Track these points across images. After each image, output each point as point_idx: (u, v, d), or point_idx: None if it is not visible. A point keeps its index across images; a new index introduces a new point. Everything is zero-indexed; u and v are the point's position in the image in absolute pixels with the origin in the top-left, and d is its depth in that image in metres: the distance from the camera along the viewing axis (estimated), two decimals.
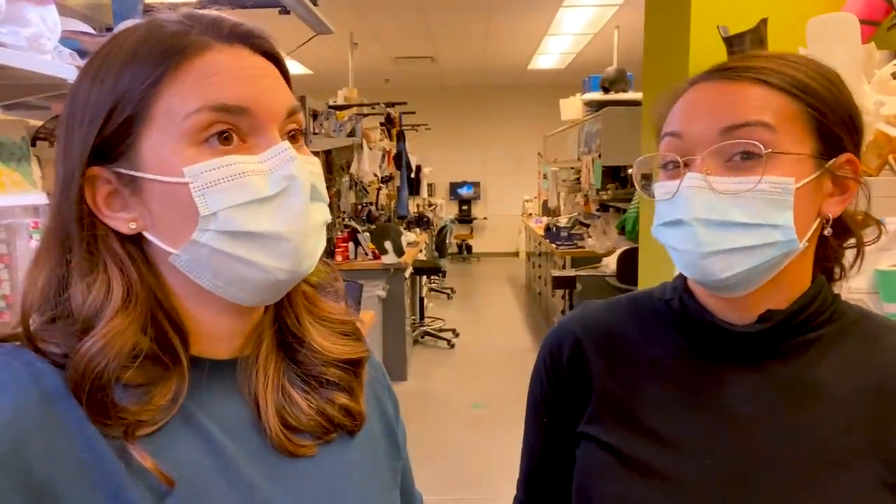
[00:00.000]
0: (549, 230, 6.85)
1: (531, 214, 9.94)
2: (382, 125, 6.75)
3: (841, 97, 0.71)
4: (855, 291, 0.79)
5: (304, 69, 9.00)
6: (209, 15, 0.58)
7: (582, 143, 6.01)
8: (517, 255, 11.64)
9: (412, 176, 7.63)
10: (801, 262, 0.72)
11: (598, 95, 5.65)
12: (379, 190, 6.62)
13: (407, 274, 5.27)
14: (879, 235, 0.79)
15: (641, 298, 0.84)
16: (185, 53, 0.55)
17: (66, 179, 0.56)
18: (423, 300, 6.85)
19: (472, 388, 5.01)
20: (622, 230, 4.79)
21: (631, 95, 5.36)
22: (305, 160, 0.59)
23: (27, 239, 1.36)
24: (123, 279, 0.56)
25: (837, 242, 0.76)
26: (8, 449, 0.47)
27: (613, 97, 5.44)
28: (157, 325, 0.57)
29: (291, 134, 0.60)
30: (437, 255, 7.82)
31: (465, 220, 12.29)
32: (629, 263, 3.77)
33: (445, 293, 8.65)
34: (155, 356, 0.56)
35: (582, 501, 0.78)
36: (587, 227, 6.24)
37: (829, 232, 0.72)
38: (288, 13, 2.92)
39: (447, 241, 7.97)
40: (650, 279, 2.43)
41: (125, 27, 0.59)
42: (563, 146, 7.37)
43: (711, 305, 0.75)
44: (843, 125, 0.70)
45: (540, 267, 7.47)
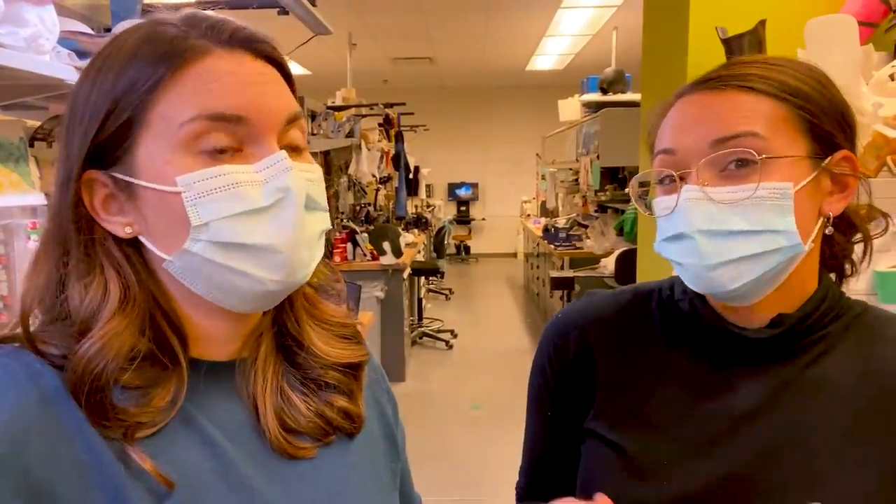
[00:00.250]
0: (547, 231, 6.85)
1: (529, 215, 9.94)
2: (381, 126, 6.75)
3: (830, 95, 0.71)
4: (854, 293, 0.79)
5: (302, 70, 8.99)
6: (211, 18, 0.57)
7: (580, 144, 6.01)
8: (515, 255, 11.64)
9: (410, 177, 7.63)
10: (807, 263, 0.72)
11: (596, 96, 5.65)
12: (377, 191, 6.62)
13: (405, 275, 5.27)
14: (887, 227, 0.78)
15: (646, 293, 0.83)
16: (183, 58, 0.54)
17: (64, 181, 0.56)
18: (421, 301, 6.85)
19: (470, 389, 5.00)
20: (620, 231, 4.80)
21: (629, 96, 5.37)
22: (303, 169, 0.58)
23: (25, 239, 1.36)
24: (120, 281, 0.56)
25: (844, 239, 0.76)
26: (7, 451, 0.47)
27: (612, 98, 5.45)
28: (155, 326, 0.57)
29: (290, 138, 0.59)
30: (435, 255, 7.82)
31: (463, 220, 12.28)
32: (628, 264, 3.78)
33: (443, 294, 8.65)
34: (153, 358, 0.56)
35: (586, 498, 0.78)
36: (585, 228, 6.24)
37: (830, 231, 0.71)
38: (287, 14, 2.92)
39: (445, 241, 7.96)
40: (648, 280, 2.42)
41: (127, 27, 0.59)
42: (561, 147, 7.38)
43: (720, 309, 0.75)
44: (834, 123, 0.70)
45: (538, 268, 7.48)
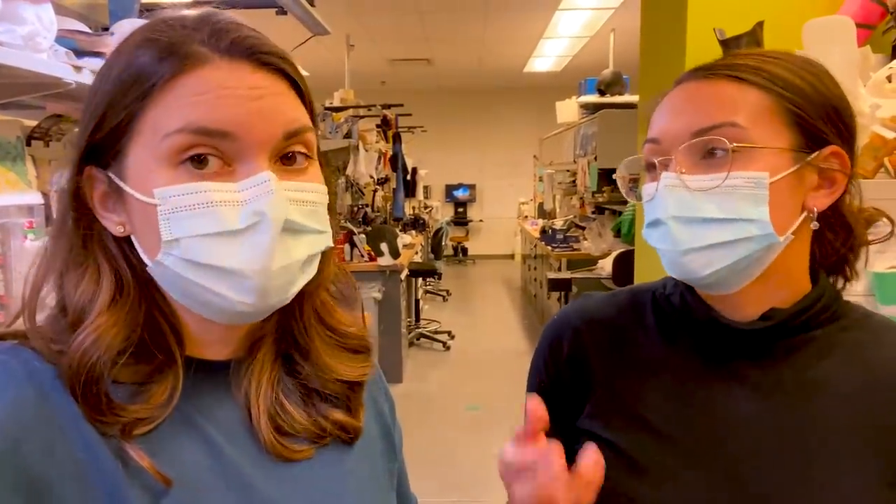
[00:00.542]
0: (544, 232, 6.86)
1: (527, 217, 9.95)
2: (379, 127, 6.74)
3: (824, 90, 0.71)
4: (852, 294, 0.79)
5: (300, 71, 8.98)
6: (219, 22, 0.55)
7: (578, 145, 6.02)
8: (513, 257, 11.64)
9: (408, 178, 7.63)
10: (792, 257, 0.72)
11: (594, 98, 5.66)
12: (375, 192, 6.61)
13: (402, 276, 5.26)
14: (892, 231, 0.77)
15: (642, 292, 0.84)
16: (180, 66, 0.53)
17: (69, 174, 0.57)
18: (418, 302, 6.85)
19: (467, 390, 5.00)
20: (618, 233, 4.80)
21: (627, 98, 5.38)
22: (296, 189, 0.55)
23: (21, 238, 1.36)
24: (114, 274, 0.56)
25: (836, 238, 0.76)
26: (6, 448, 0.47)
27: (609, 100, 5.45)
28: (150, 323, 0.57)
29: (289, 155, 0.56)
30: (432, 257, 7.82)
31: (460, 222, 12.29)
32: (625, 266, 3.78)
33: (441, 295, 8.64)
34: (149, 354, 0.56)
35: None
36: (583, 229, 6.25)
37: (815, 226, 0.71)
38: (285, 14, 2.92)
39: (443, 243, 7.96)
40: (646, 281, 2.42)
41: (140, 23, 0.58)
42: (558, 149, 7.38)
43: (711, 302, 0.75)
44: (825, 118, 0.70)
45: (535, 269, 7.48)
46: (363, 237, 5.08)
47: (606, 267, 4.74)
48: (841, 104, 0.72)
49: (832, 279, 0.78)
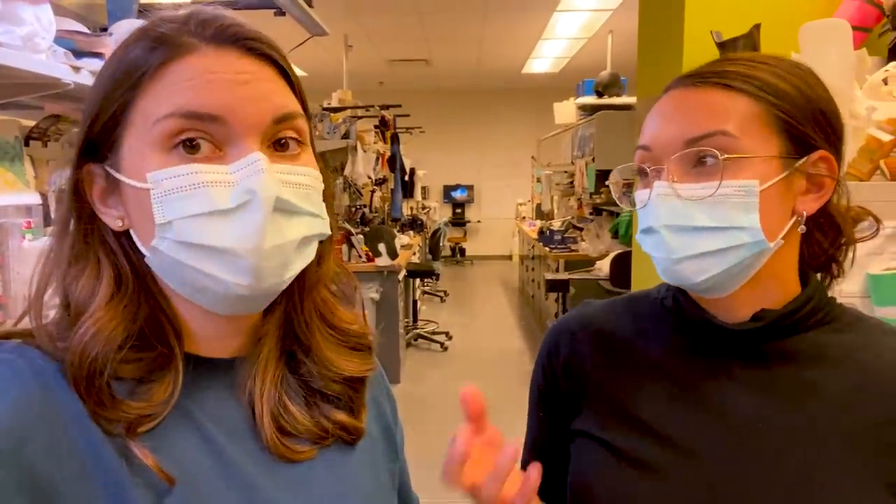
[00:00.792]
0: (542, 233, 6.86)
1: (525, 218, 9.95)
2: (377, 128, 6.74)
3: (811, 94, 0.71)
4: (847, 295, 0.80)
5: (298, 71, 8.91)
6: (205, 14, 0.57)
7: (576, 146, 6.02)
8: (510, 258, 11.65)
9: (406, 178, 7.63)
10: (782, 259, 0.72)
11: (591, 99, 5.66)
12: (373, 192, 6.61)
13: (400, 276, 5.27)
14: (877, 230, 0.78)
15: (639, 298, 0.85)
16: (167, 55, 0.54)
17: (69, 172, 0.57)
18: (416, 303, 6.85)
19: None
20: (615, 234, 4.80)
21: (625, 100, 5.38)
22: (287, 171, 0.56)
23: (20, 239, 1.36)
24: (114, 268, 0.57)
25: (825, 239, 0.77)
26: (11, 447, 0.48)
27: (607, 101, 5.45)
28: (151, 318, 0.57)
29: (281, 141, 0.57)
30: (430, 257, 7.81)
31: (458, 223, 12.28)
32: (622, 267, 3.78)
33: (438, 296, 8.64)
34: (150, 349, 0.56)
35: (576, 496, 0.78)
36: (580, 230, 6.25)
37: (802, 229, 0.72)
38: (283, 14, 2.92)
39: (440, 243, 7.96)
40: (643, 282, 2.43)
41: (132, 25, 0.59)
42: (556, 150, 7.38)
43: (704, 304, 0.76)
44: (813, 123, 0.70)
45: (533, 270, 7.48)
46: (361, 238, 5.09)
47: (604, 268, 4.74)
48: (828, 107, 0.72)
49: (820, 277, 0.79)
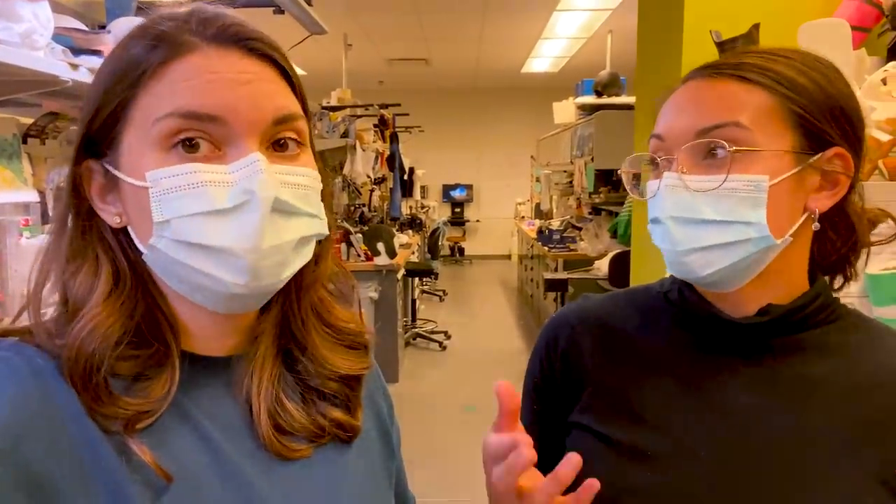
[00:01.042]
0: (541, 233, 6.86)
1: (524, 217, 9.94)
2: (376, 127, 6.74)
3: (831, 89, 0.70)
4: (846, 295, 0.79)
5: (298, 70, 8.96)
6: (206, 13, 0.57)
7: (575, 146, 6.02)
8: (509, 257, 11.64)
9: (405, 178, 7.63)
10: (791, 256, 0.72)
11: (591, 99, 5.66)
12: (372, 191, 6.60)
13: (399, 276, 5.26)
14: None
15: (640, 292, 0.85)
16: (169, 54, 0.54)
17: (68, 169, 0.57)
18: (414, 302, 6.85)
19: (463, 390, 5.00)
20: (614, 233, 4.80)
21: (624, 99, 5.37)
22: (286, 172, 0.56)
23: (17, 236, 1.36)
24: (111, 265, 0.57)
25: (838, 238, 0.76)
26: (8, 445, 0.47)
27: (606, 101, 5.45)
28: (148, 315, 0.57)
29: (280, 141, 0.57)
30: (429, 257, 7.81)
31: (457, 222, 12.28)
32: (621, 266, 3.78)
33: (437, 295, 8.64)
34: (147, 346, 0.56)
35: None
36: (579, 230, 6.25)
37: (816, 226, 0.71)
38: (282, 13, 2.92)
39: (439, 243, 7.96)
40: (642, 282, 2.43)
41: (131, 23, 0.59)
42: (555, 149, 7.39)
43: (710, 298, 0.75)
44: (830, 119, 0.69)
45: (532, 270, 7.48)
46: (360, 237, 5.08)
47: (603, 267, 4.74)
48: (848, 103, 0.71)
49: (829, 278, 0.78)
